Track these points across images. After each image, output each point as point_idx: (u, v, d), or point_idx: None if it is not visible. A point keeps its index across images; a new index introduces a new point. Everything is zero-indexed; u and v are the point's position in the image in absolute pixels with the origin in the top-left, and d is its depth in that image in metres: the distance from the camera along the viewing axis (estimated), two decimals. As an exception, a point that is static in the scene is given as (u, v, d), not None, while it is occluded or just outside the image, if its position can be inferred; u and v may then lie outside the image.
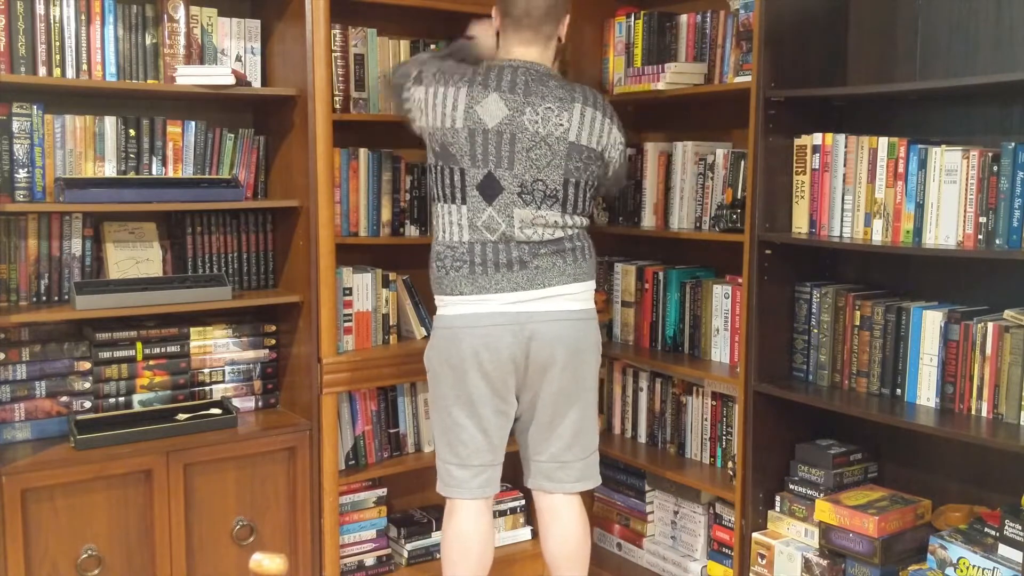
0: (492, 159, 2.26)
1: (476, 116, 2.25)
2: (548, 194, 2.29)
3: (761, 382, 2.53)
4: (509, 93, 2.26)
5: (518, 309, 2.28)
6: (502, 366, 2.29)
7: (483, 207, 2.28)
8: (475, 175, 2.27)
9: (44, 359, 2.53)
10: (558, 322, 2.31)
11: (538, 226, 2.30)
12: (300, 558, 2.70)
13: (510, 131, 2.25)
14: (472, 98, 2.26)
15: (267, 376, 2.84)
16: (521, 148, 2.26)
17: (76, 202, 2.42)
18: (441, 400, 2.36)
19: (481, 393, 2.30)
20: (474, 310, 2.28)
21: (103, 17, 2.52)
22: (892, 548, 2.33)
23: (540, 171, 2.28)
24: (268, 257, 2.86)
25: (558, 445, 2.40)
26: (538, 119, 2.26)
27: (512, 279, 2.28)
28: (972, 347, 2.24)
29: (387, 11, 2.84)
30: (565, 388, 2.35)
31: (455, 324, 2.29)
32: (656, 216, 3.01)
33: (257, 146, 2.82)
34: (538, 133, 2.26)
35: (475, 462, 2.36)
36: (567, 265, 2.32)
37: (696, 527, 2.89)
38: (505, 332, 2.27)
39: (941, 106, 2.44)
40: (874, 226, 2.37)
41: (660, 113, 3.19)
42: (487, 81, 2.27)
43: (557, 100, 2.28)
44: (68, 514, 2.37)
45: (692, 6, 2.94)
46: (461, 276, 2.29)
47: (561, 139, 2.28)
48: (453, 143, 2.28)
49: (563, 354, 2.31)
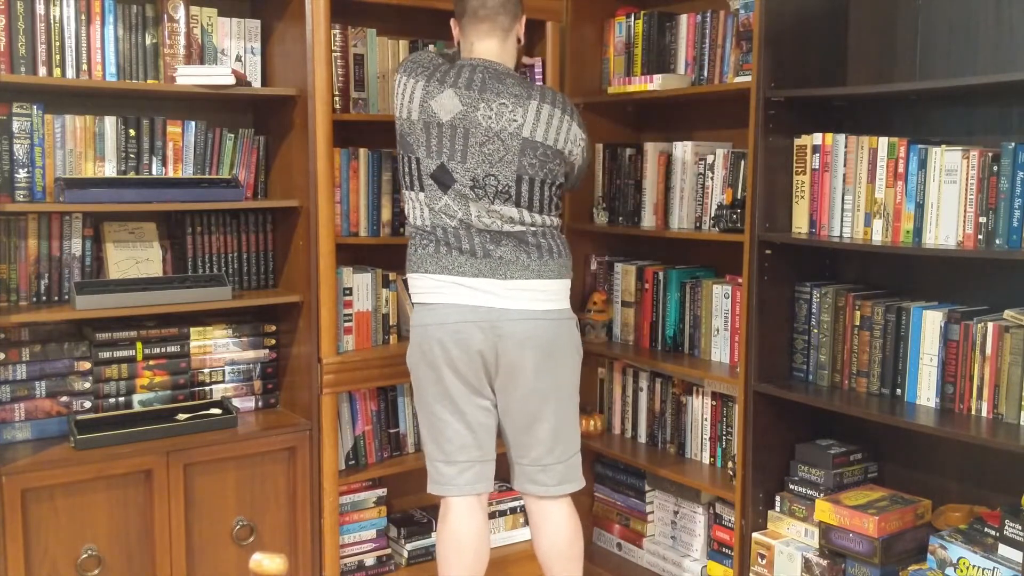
0: (446, 151, 2.28)
1: (430, 110, 2.28)
2: (500, 190, 2.29)
3: (761, 382, 2.54)
4: (465, 89, 2.28)
5: (488, 304, 2.27)
6: (472, 361, 2.30)
7: (439, 195, 2.30)
8: (428, 165, 2.30)
9: (44, 359, 2.53)
10: (528, 321, 2.29)
11: (495, 218, 2.30)
12: (300, 558, 2.70)
13: (463, 126, 2.27)
14: (427, 92, 2.29)
15: (267, 376, 2.84)
16: (474, 143, 2.27)
17: (76, 202, 2.42)
18: (423, 397, 2.38)
19: (457, 389, 2.32)
20: (443, 300, 2.29)
21: (103, 17, 2.52)
22: (892, 548, 2.33)
23: (492, 166, 2.28)
24: (268, 257, 2.86)
25: (538, 449, 2.39)
26: (491, 114, 2.27)
27: (475, 265, 2.29)
28: (972, 347, 2.24)
29: (387, 11, 2.83)
30: (540, 390, 2.33)
31: (426, 321, 2.32)
32: (656, 216, 3.01)
33: (257, 146, 2.82)
34: (491, 128, 2.27)
35: (461, 458, 2.36)
36: (531, 260, 2.31)
37: (696, 527, 2.89)
38: (475, 329, 2.27)
39: (941, 106, 2.44)
40: (874, 226, 2.37)
41: (660, 113, 3.19)
42: (445, 77, 2.30)
43: (512, 96, 2.29)
44: (68, 514, 2.37)
45: (692, 6, 2.94)
46: (427, 254, 2.32)
47: (514, 135, 2.28)
48: (410, 133, 2.31)
49: (534, 355, 2.29)
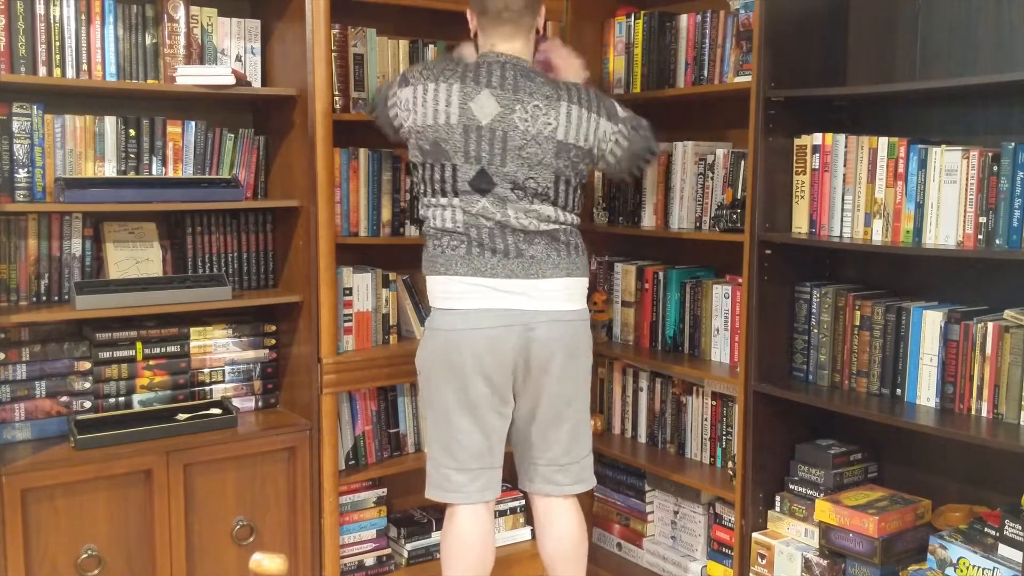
0: (485, 155, 2.26)
1: (470, 112, 2.25)
2: (539, 192, 2.29)
3: (761, 382, 2.53)
4: (500, 89, 2.26)
5: (521, 306, 2.27)
6: (504, 368, 2.28)
7: (476, 199, 2.28)
8: (467, 171, 2.27)
9: (44, 359, 2.53)
10: (557, 323, 2.30)
11: (532, 217, 2.30)
12: (300, 558, 2.70)
13: (502, 128, 2.25)
14: (465, 94, 2.25)
15: (267, 376, 2.84)
16: (512, 146, 2.26)
17: (76, 202, 2.42)
18: (438, 403, 2.34)
19: (482, 396, 2.29)
20: (475, 305, 2.26)
21: (103, 17, 2.52)
22: (892, 548, 2.33)
23: (531, 168, 2.28)
24: (268, 257, 2.86)
25: (556, 449, 2.40)
26: (527, 117, 2.26)
27: (508, 266, 2.27)
28: (972, 347, 2.24)
29: (387, 11, 2.83)
30: (564, 390, 2.35)
31: (456, 326, 2.27)
32: (656, 216, 3.01)
33: (257, 146, 2.82)
34: (528, 131, 2.26)
35: (474, 465, 2.35)
36: (560, 258, 2.32)
37: (696, 527, 2.89)
38: (509, 333, 2.26)
39: (941, 106, 2.44)
40: (874, 226, 2.37)
41: (660, 113, 3.18)
42: (478, 77, 2.27)
43: (544, 98, 2.28)
44: (68, 514, 2.37)
45: (692, 6, 2.94)
46: (458, 256, 2.28)
47: (550, 138, 2.28)
48: (447, 139, 2.26)
49: (561, 356, 2.31)
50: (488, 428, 2.33)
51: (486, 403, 2.30)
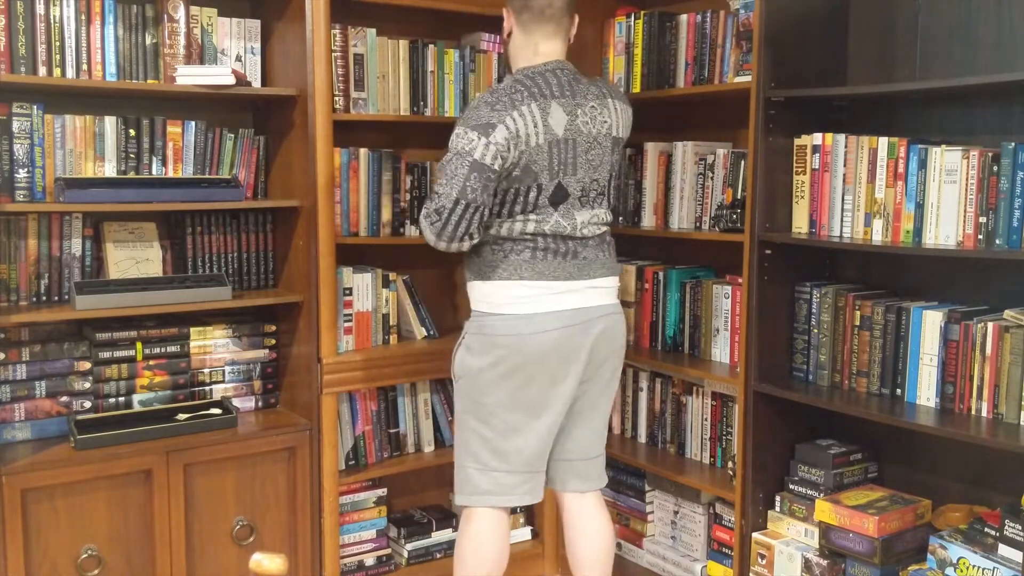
0: (560, 167, 2.23)
1: (550, 128, 2.20)
2: (599, 191, 2.32)
3: (761, 382, 2.53)
4: (561, 97, 2.22)
5: (581, 304, 2.27)
6: (567, 368, 2.26)
7: (550, 214, 2.24)
8: (548, 188, 2.22)
9: (44, 359, 2.53)
10: (607, 317, 2.32)
11: (593, 224, 2.31)
12: (300, 558, 2.70)
13: (571, 136, 2.23)
14: (543, 110, 2.19)
15: (267, 376, 2.84)
16: (580, 151, 2.25)
17: (76, 202, 2.42)
18: (493, 406, 2.26)
19: (547, 399, 2.27)
20: (540, 309, 2.22)
21: (103, 17, 2.52)
22: (892, 548, 2.33)
23: (595, 171, 2.29)
24: (268, 257, 2.86)
25: (590, 439, 2.41)
26: (588, 120, 2.25)
27: (567, 268, 2.27)
28: (972, 347, 2.24)
29: (387, 11, 2.84)
30: (608, 382, 2.39)
31: (521, 331, 2.21)
32: (656, 216, 3.01)
33: (257, 146, 2.81)
34: (591, 133, 2.26)
35: (527, 468, 2.31)
36: (607, 258, 2.35)
37: (696, 527, 2.89)
38: (572, 333, 2.25)
39: (941, 106, 2.44)
40: (874, 226, 2.37)
41: (660, 113, 3.19)
42: (542, 90, 2.20)
43: (596, 97, 2.29)
44: (68, 514, 2.37)
45: (692, 6, 2.94)
46: (522, 260, 2.24)
47: (607, 136, 2.30)
48: (536, 160, 2.19)
49: (609, 349, 2.34)
50: (547, 431, 2.30)
51: (549, 406, 2.28)
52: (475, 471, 2.31)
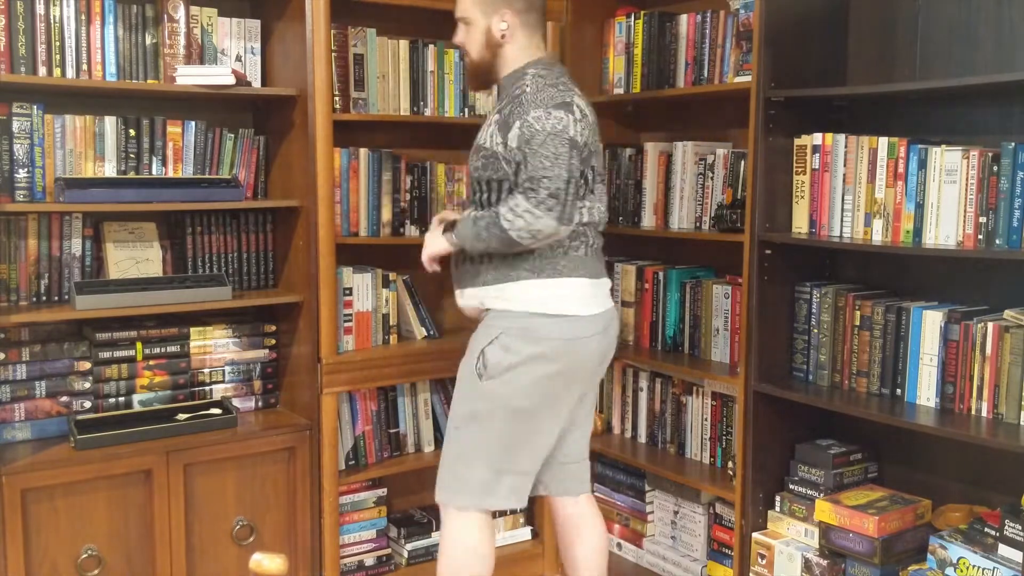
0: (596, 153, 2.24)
1: (590, 115, 2.22)
2: (603, 179, 2.32)
3: (761, 382, 2.53)
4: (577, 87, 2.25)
5: (609, 303, 2.28)
6: (594, 368, 2.28)
7: (593, 200, 2.23)
8: (598, 169, 2.26)
9: (44, 359, 2.53)
10: (615, 318, 2.34)
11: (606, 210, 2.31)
12: (300, 558, 2.70)
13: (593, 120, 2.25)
14: (581, 97, 2.21)
15: (267, 376, 2.84)
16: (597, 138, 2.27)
17: (76, 202, 2.42)
18: (526, 408, 2.18)
19: (574, 398, 2.27)
20: (590, 311, 2.20)
21: (103, 17, 2.52)
22: (892, 548, 2.33)
23: (600, 158, 2.29)
24: (268, 257, 2.86)
25: (582, 442, 2.40)
26: (589, 111, 2.24)
27: (600, 264, 2.29)
28: (972, 347, 2.24)
29: (387, 11, 2.83)
30: (599, 383, 2.40)
31: (579, 334, 2.17)
32: (656, 216, 3.01)
33: (257, 146, 2.82)
34: (595, 123, 2.26)
35: (535, 470, 2.29)
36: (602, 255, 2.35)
37: (696, 527, 2.89)
38: (610, 334, 2.27)
39: (941, 106, 2.44)
40: (874, 226, 2.37)
41: (660, 113, 3.19)
42: (569, 83, 2.22)
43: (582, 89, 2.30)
44: (68, 514, 2.37)
45: (692, 6, 2.94)
46: (579, 257, 2.20)
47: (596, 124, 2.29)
48: (591, 140, 2.20)
49: (611, 349, 2.34)
50: (559, 432, 2.29)
51: (567, 406, 2.27)
52: (488, 473, 2.20)
